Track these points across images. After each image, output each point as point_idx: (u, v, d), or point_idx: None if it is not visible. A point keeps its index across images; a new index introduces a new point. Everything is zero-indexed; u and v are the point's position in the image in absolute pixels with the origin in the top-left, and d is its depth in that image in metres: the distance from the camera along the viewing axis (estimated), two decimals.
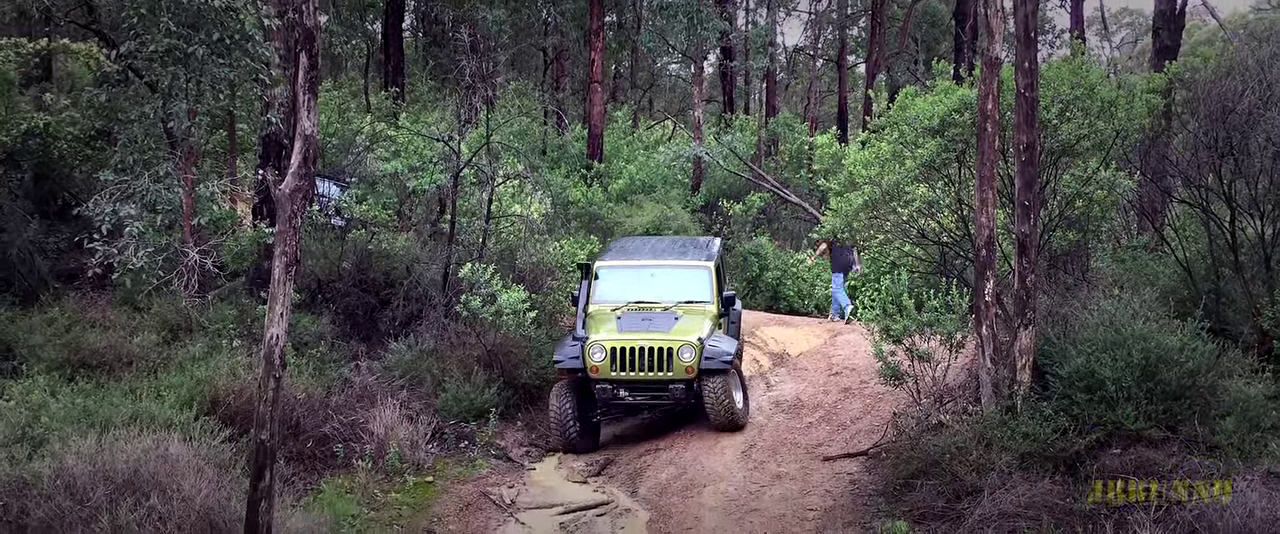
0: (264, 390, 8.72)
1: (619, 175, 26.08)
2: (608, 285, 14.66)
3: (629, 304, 14.29)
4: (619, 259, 15.33)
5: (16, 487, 9.19)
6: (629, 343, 13.17)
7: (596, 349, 13.16)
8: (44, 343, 13.15)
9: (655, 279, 14.72)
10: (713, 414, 13.14)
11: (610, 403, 13.41)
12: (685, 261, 15.03)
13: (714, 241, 16.61)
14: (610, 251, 16.04)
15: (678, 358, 13.09)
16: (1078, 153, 13.07)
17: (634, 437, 14.04)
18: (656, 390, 13.27)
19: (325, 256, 16.27)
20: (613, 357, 13.15)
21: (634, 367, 13.14)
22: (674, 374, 13.13)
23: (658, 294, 14.48)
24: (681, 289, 14.55)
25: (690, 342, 13.11)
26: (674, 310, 14.11)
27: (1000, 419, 10.67)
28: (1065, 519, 9.56)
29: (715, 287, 14.62)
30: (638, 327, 13.53)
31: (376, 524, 11.05)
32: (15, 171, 17.21)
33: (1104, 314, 11.38)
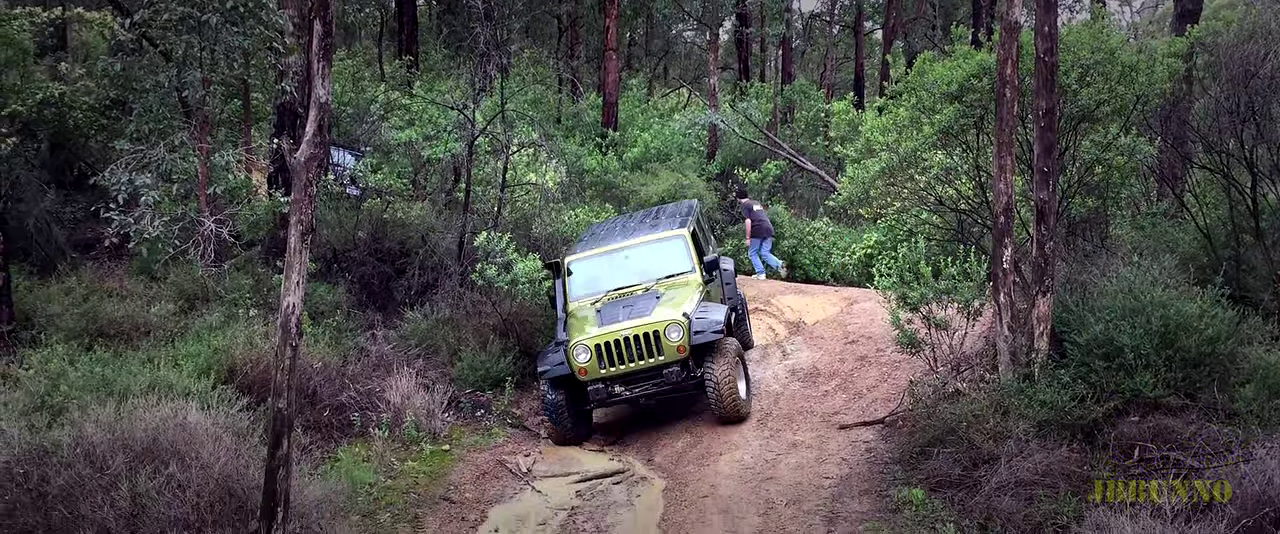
0: (281, 359, 8.75)
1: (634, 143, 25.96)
2: (582, 278, 13.81)
3: (608, 293, 13.50)
4: (587, 248, 14.39)
5: (36, 455, 9.26)
6: (612, 335, 12.34)
7: (580, 350, 12.36)
8: (62, 312, 13.23)
9: (630, 260, 13.83)
10: (716, 405, 12.35)
11: (606, 401, 12.68)
12: (656, 234, 14.06)
13: (690, 204, 15.85)
14: (579, 242, 15.22)
15: (666, 339, 12.29)
16: (1097, 118, 12.94)
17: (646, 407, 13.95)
18: (651, 379, 12.47)
19: (341, 226, 16.29)
20: (598, 354, 12.34)
21: (622, 359, 12.34)
22: (666, 357, 12.33)
23: (636, 275, 13.65)
24: (660, 264, 13.72)
25: (676, 319, 12.36)
26: (655, 289, 13.36)
27: (1017, 387, 10.63)
28: (1083, 487, 9.54)
29: (694, 253, 13.77)
30: (619, 316, 12.70)
31: (393, 492, 11.12)
32: (31, 141, 17.22)
33: (1123, 281, 11.30)
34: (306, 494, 9.49)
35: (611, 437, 13.00)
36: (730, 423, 12.40)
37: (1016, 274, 11.37)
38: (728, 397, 12.25)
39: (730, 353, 12.40)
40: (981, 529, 9.39)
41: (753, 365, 14.73)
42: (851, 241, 21.06)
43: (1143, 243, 13.46)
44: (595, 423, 13.41)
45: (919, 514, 9.79)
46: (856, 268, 20.15)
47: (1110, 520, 8.51)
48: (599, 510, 10.74)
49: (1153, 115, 13.64)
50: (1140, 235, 14.02)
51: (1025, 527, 9.25)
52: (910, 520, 9.74)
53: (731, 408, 12.31)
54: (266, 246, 15.76)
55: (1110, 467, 9.81)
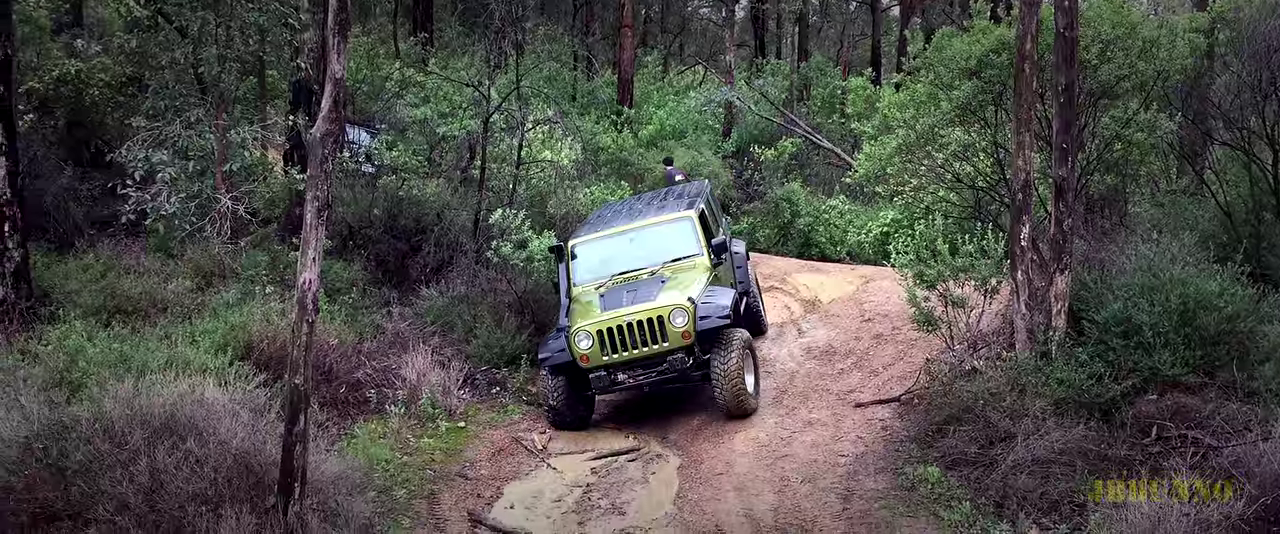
0: (298, 335, 8.77)
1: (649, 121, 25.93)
2: (586, 263, 13.35)
3: (613, 278, 13.03)
4: (592, 231, 13.88)
5: (56, 430, 9.31)
6: (615, 321, 11.85)
7: (581, 337, 11.89)
8: (80, 288, 13.28)
9: (634, 244, 13.35)
10: (721, 397, 11.79)
11: (609, 389, 12.25)
12: (663, 216, 13.57)
13: (699, 185, 15.44)
14: (585, 225, 14.66)
15: (670, 325, 11.78)
16: (1117, 94, 12.81)
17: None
18: (656, 366, 11.96)
19: (356, 203, 16.31)
20: (600, 340, 11.87)
21: (625, 346, 11.86)
22: (670, 344, 11.83)
23: (642, 259, 13.15)
24: (666, 247, 13.22)
25: (681, 304, 11.84)
26: (661, 273, 12.82)
27: (1035, 365, 10.58)
28: (1100, 466, 9.50)
29: (702, 236, 13.27)
30: (622, 301, 12.18)
31: (410, 468, 11.15)
32: (48, 118, 17.31)
33: (1142, 259, 11.22)
34: (323, 470, 9.53)
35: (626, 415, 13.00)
36: (736, 418, 11.91)
37: (1034, 251, 11.31)
38: (734, 392, 11.72)
39: (738, 345, 11.84)
40: (997, 507, 9.37)
41: (768, 344, 14.72)
42: (868, 219, 21.01)
43: (1162, 220, 13.36)
44: (613, 402, 13.23)
45: (934, 492, 9.78)
46: (873, 246, 20.11)
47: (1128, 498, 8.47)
48: (614, 487, 10.76)
49: (1173, 91, 13.50)
50: (1160, 213, 13.91)
51: (1042, 505, 9.23)
52: (926, 498, 9.72)
53: (737, 404, 11.81)
54: (282, 224, 15.80)
55: (1128, 445, 9.77)
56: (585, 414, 12.56)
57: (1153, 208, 14.42)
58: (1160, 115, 12.97)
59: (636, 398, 13.17)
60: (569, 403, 12.22)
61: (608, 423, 12.81)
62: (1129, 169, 13.47)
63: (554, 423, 12.34)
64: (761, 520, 9.63)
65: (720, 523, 9.67)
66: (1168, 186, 15.22)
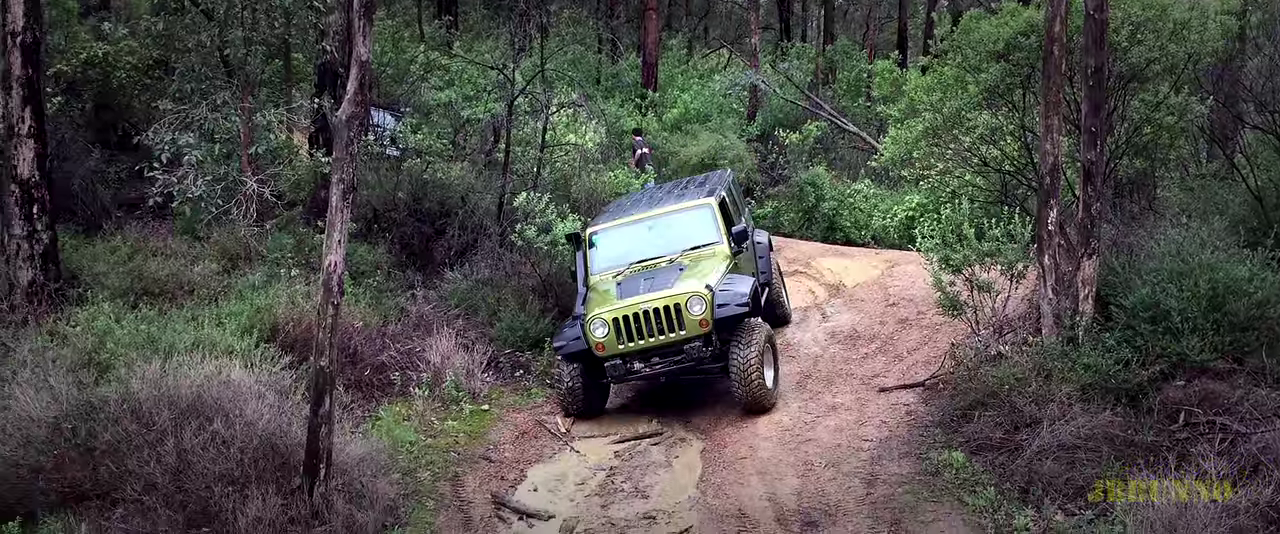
0: (323, 317, 8.82)
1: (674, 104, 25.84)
2: (605, 251, 13.22)
3: (631, 266, 12.88)
4: (611, 220, 13.77)
5: (85, 410, 9.41)
6: (631, 309, 11.69)
7: (597, 325, 11.74)
8: (107, 271, 13.39)
9: (654, 231, 13.22)
10: (738, 389, 11.53)
11: (625, 378, 12.12)
12: (683, 204, 13.43)
13: (721, 174, 15.29)
14: (604, 214, 14.52)
15: (687, 313, 11.59)
16: (1147, 77, 12.67)
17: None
18: (673, 355, 11.78)
19: (381, 186, 16.34)
20: (616, 328, 11.69)
21: (641, 334, 11.67)
22: (687, 332, 11.63)
23: (661, 247, 13.00)
24: (685, 235, 13.07)
25: (698, 292, 11.67)
26: (680, 261, 12.68)
27: (1061, 350, 10.51)
28: (1126, 451, 9.44)
29: (721, 224, 13.10)
30: (639, 289, 12.03)
31: (434, 451, 11.21)
32: (76, 101, 17.42)
33: (1171, 243, 11.12)
34: (348, 452, 9.59)
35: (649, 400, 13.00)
36: (755, 413, 11.66)
37: (1062, 236, 11.22)
38: (752, 387, 11.48)
39: (757, 338, 11.59)
40: (1022, 493, 9.32)
41: (792, 328, 14.69)
42: (893, 204, 20.89)
43: (1192, 204, 13.23)
44: (636, 387, 13.10)
45: (959, 477, 9.74)
46: (898, 230, 20.00)
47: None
48: (637, 471, 10.78)
49: (1204, 74, 13.36)
50: (1189, 197, 13.78)
51: (1067, 490, 9.18)
52: (950, 483, 9.69)
53: (755, 399, 11.56)
54: (308, 207, 15.85)
55: (1155, 431, 9.70)
56: (600, 403, 12.44)
57: (1182, 192, 14.28)
58: (1191, 98, 12.82)
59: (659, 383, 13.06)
60: (584, 391, 12.08)
61: (630, 407, 12.81)
62: (1158, 153, 13.33)
63: (568, 411, 12.22)
64: (784, 504, 9.62)
65: (743, 507, 9.67)
66: (1197, 171, 15.07)
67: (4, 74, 12.62)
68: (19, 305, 12.23)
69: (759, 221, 21.54)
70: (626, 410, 12.71)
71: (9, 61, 12.49)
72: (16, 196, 12.49)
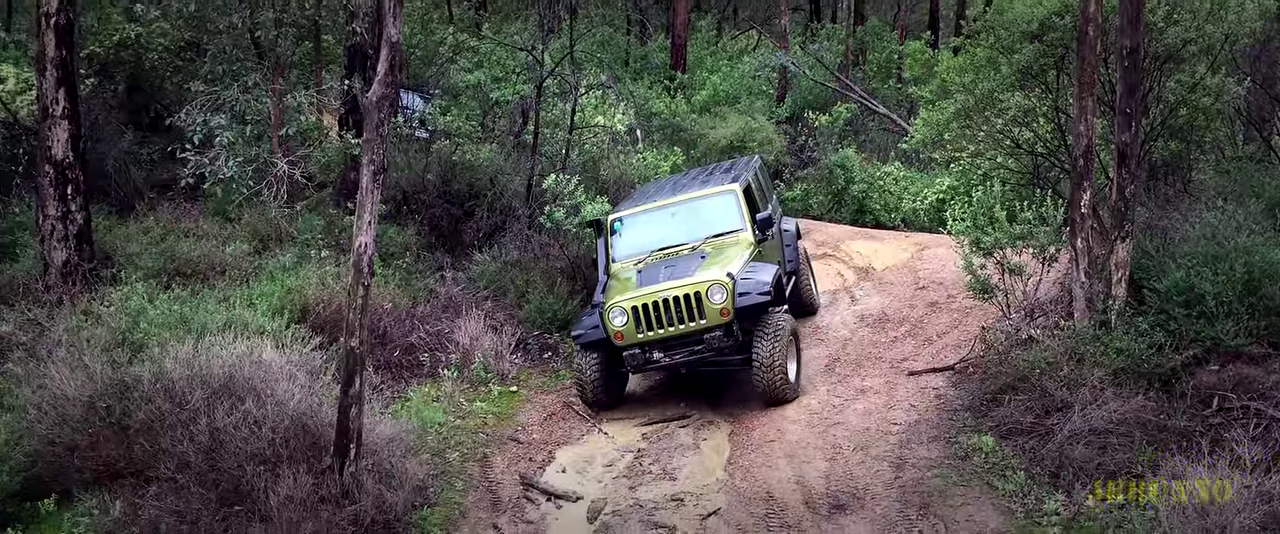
0: (353, 298, 8.86)
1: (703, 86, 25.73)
2: (627, 238, 13.00)
3: (653, 254, 12.64)
4: (633, 206, 13.52)
5: (119, 389, 9.52)
6: (650, 297, 11.47)
7: (615, 313, 11.50)
8: (140, 251, 13.51)
9: (676, 218, 12.96)
10: (759, 381, 11.36)
11: (643, 368, 11.89)
12: (707, 190, 13.15)
13: (749, 159, 14.98)
14: (627, 200, 14.29)
15: (708, 301, 11.34)
16: (1183, 58, 12.51)
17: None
18: (693, 344, 11.55)
19: (410, 168, 16.39)
20: (635, 317, 11.46)
21: (661, 323, 11.45)
22: (708, 321, 11.39)
23: (684, 234, 12.76)
24: (708, 222, 12.81)
25: (719, 280, 11.41)
26: (702, 248, 12.43)
27: (1093, 334, 10.43)
28: (1159, 436, 9.36)
29: (746, 210, 12.83)
30: (659, 277, 11.81)
31: (462, 432, 11.26)
32: (109, 83, 17.57)
33: (1206, 226, 10.99)
34: (378, 432, 9.65)
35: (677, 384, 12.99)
36: (776, 405, 11.50)
37: (1095, 219, 11.12)
38: (776, 380, 11.32)
39: (781, 331, 11.43)
40: (1053, 477, 9.27)
41: (821, 311, 14.64)
42: (923, 186, 20.74)
43: (1227, 187, 13.06)
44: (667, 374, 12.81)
45: (988, 461, 9.70)
46: (928, 213, 19.86)
47: (1187, 470, 8.35)
48: (665, 453, 10.78)
49: (1242, 55, 13.18)
50: (1225, 180, 13.60)
51: (1098, 475, 9.11)
52: (980, 468, 9.64)
53: (778, 392, 11.39)
54: (337, 188, 15.93)
55: (1188, 416, 9.62)
56: (618, 393, 12.26)
57: (1217, 175, 14.10)
58: (1228, 80, 12.65)
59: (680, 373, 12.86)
60: (603, 381, 11.87)
61: (658, 390, 12.82)
62: (1194, 135, 13.17)
63: (588, 402, 12.01)
64: (813, 488, 9.60)
65: (771, 489, 9.66)
66: (1233, 153, 14.87)
67: (38, 56, 12.74)
68: (54, 285, 12.37)
69: (788, 204, 21.47)
70: (654, 393, 12.71)
71: (43, 43, 12.59)
72: (51, 178, 12.61)
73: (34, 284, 12.51)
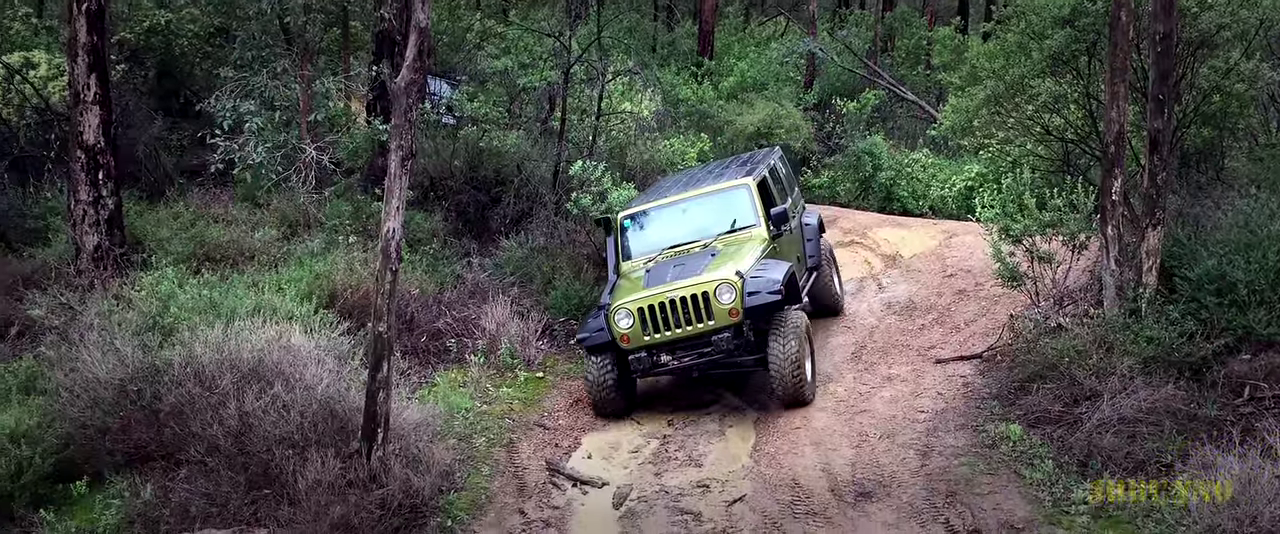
0: (381, 283, 8.90)
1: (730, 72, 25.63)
2: (638, 235, 12.56)
3: (663, 252, 12.18)
4: (644, 202, 13.03)
5: (150, 373, 9.62)
6: (656, 298, 11.01)
7: (621, 315, 11.06)
8: (170, 236, 13.61)
9: (688, 215, 12.47)
10: (778, 382, 10.92)
11: (650, 372, 11.36)
12: (720, 185, 12.59)
13: (769, 152, 14.34)
14: (640, 196, 13.70)
15: (716, 301, 10.86)
16: (1217, 44, 12.37)
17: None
18: (701, 347, 11.10)
19: (437, 154, 16.42)
20: (641, 319, 11.01)
21: (668, 325, 11.00)
22: (716, 322, 10.92)
23: (695, 231, 12.28)
24: (721, 218, 12.32)
25: (727, 279, 10.92)
26: (713, 246, 11.96)
27: (1123, 322, 10.36)
28: (1189, 425, 9.30)
29: (759, 205, 12.24)
30: (667, 276, 11.33)
31: (489, 417, 11.30)
32: (139, 69, 17.70)
33: (1239, 214, 10.90)
34: (405, 417, 9.70)
35: None
36: (791, 405, 11.08)
37: (1126, 206, 11.03)
38: (793, 381, 10.87)
39: (796, 329, 10.95)
40: (1081, 466, 9.22)
41: (847, 299, 14.58)
42: (951, 173, 20.60)
43: (1261, 175, 12.92)
44: None
45: (1016, 450, 9.65)
46: (956, 200, 19.72)
47: (1217, 459, 8.28)
48: (691, 439, 10.79)
49: (1276, 40, 13.01)
50: (1258, 167, 13.45)
51: (1127, 465, 9.06)
52: (1007, 456, 9.60)
53: (796, 393, 10.95)
54: (365, 174, 15.99)
55: (1218, 405, 9.54)
56: (632, 398, 11.66)
57: (1251, 162, 13.95)
58: (1262, 65, 12.51)
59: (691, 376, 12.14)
60: (616, 386, 11.33)
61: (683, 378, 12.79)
62: (1227, 122, 13.05)
63: (599, 410, 11.49)
64: (839, 475, 9.58)
65: (797, 477, 9.65)
66: (1267, 140, 14.70)
67: (70, 41, 12.83)
68: (85, 270, 12.48)
69: (815, 191, 21.39)
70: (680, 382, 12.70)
71: (75, 29, 12.68)
72: (83, 163, 12.71)
73: (66, 268, 12.63)
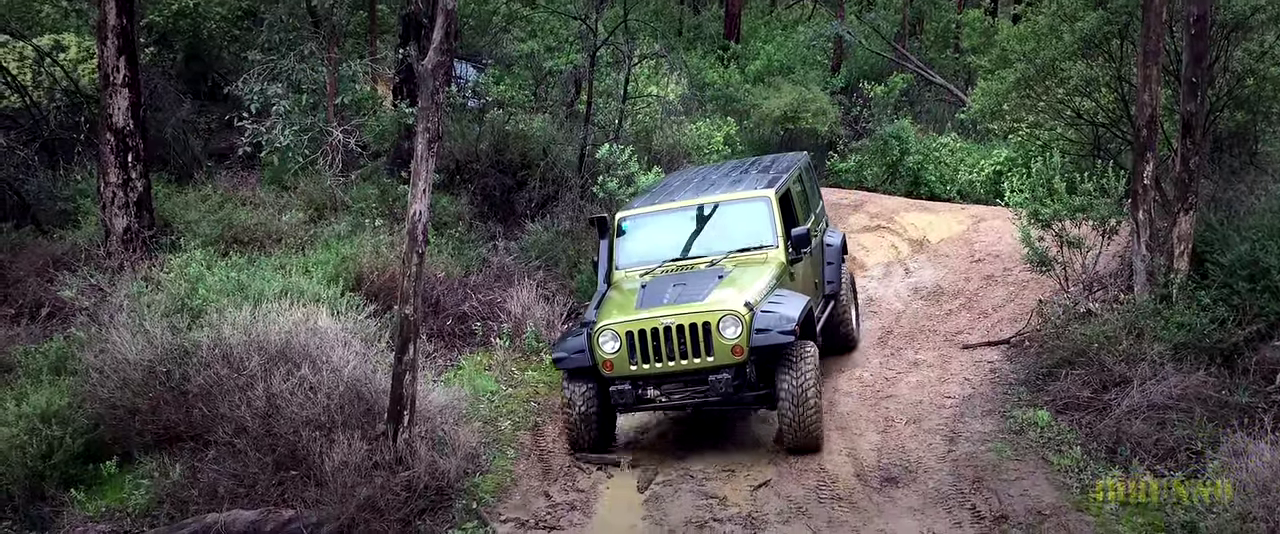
0: (408, 266, 8.91)
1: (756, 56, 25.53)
2: (636, 242, 10.96)
3: (664, 265, 10.64)
4: (648, 204, 11.46)
5: (178, 355, 9.68)
6: (650, 322, 9.40)
7: (606, 337, 9.50)
8: (199, 219, 13.69)
9: (696, 224, 10.97)
10: (787, 425, 9.44)
11: (632, 408, 9.82)
12: (735, 194, 11.02)
13: (793, 158, 12.72)
14: (644, 195, 12.25)
15: (718, 335, 9.30)
16: (1252, 26, 12.18)
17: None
18: (695, 384, 9.52)
19: (463, 138, 16.43)
20: (630, 344, 9.44)
21: (660, 355, 9.42)
22: (716, 359, 9.34)
23: (703, 245, 10.77)
24: (733, 233, 10.73)
25: (734, 310, 9.33)
26: (722, 265, 10.34)
27: (1154, 308, 10.26)
28: (1219, 412, 9.21)
29: (780, 223, 10.65)
30: (664, 297, 9.71)
31: (514, 400, 11.32)
32: (168, 52, 17.78)
33: (1272, 199, 10.80)
34: (431, 400, 9.73)
35: None
36: (801, 452, 9.62)
37: (1157, 191, 10.92)
38: (803, 424, 9.40)
39: (810, 365, 9.43)
40: (1109, 453, 9.15)
41: (874, 283, 14.52)
42: (980, 158, 20.45)
43: None
44: None
45: (1043, 436, 9.59)
46: (985, 185, 19.58)
47: (1249, 446, 8.18)
48: (715, 422, 10.77)
49: None
50: None
51: (1156, 451, 8.99)
52: (1034, 442, 9.54)
53: (811, 437, 9.51)
54: (391, 157, 16.02)
55: (1250, 392, 9.44)
56: (611, 433, 10.24)
57: None
58: None
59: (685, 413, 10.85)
60: (598, 418, 9.89)
61: None
62: (1261, 105, 12.84)
63: (577, 444, 10.02)
64: (864, 460, 9.55)
65: (822, 461, 9.61)
66: None
67: (99, 24, 12.89)
68: (115, 251, 12.57)
69: (841, 176, 21.27)
70: None
71: (104, 12, 12.74)
72: (112, 145, 12.79)
73: (96, 250, 12.73)
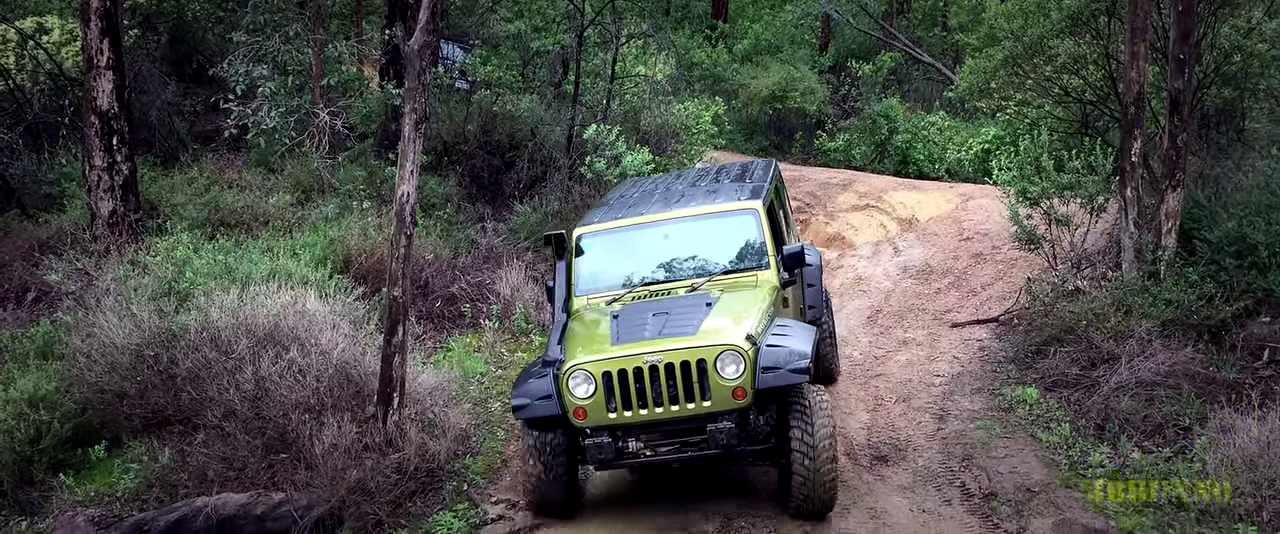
0: (396, 247, 8.88)
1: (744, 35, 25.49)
2: (598, 262, 9.23)
3: (634, 291, 8.94)
4: (612, 218, 9.55)
5: (166, 338, 9.65)
6: (631, 360, 7.66)
7: (578, 379, 7.75)
8: (185, 202, 13.61)
9: (671, 242, 9.23)
10: (803, 482, 7.71)
11: (612, 464, 8.04)
12: (715, 206, 9.31)
13: (764, 164, 11.07)
14: (601, 208, 10.18)
15: (717, 375, 7.58)
16: (1238, 3, 12.20)
17: None
18: (690, 434, 7.81)
19: (450, 119, 16.36)
20: (607, 387, 7.72)
21: (644, 400, 7.69)
22: (714, 404, 7.62)
23: (679, 267, 9.14)
24: (715, 252, 9.11)
25: (735, 345, 7.60)
26: (706, 291, 8.67)
27: (1142, 285, 10.30)
28: (1207, 389, 9.25)
29: (771, 239, 9.06)
30: (644, 330, 7.96)
31: (503, 382, 11.30)
32: (152, 34, 17.64)
33: (1259, 175, 10.80)
34: (420, 381, 9.72)
35: None
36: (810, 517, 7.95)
37: (1145, 168, 10.93)
38: (820, 482, 7.72)
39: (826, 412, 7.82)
40: (1098, 430, 9.20)
41: (863, 262, 14.54)
42: (968, 136, 20.46)
43: None
44: None
45: (1032, 413, 9.63)
46: (973, 164, 19.61)
47: (1237, 422, 8.23)
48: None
49: None
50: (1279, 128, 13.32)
51: (1144, 428, 9.03)
52: (1023, 419, 9.58)
53: (824, 498, 7.84)
54: (378, 139, 15.96)
55: (1238, 368, 9.49)
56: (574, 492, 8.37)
57: (1272, 123, 13.80)
58: None
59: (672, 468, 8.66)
60: (562, 476, 8.13)
61: None
62: (1248, 82, 12.88)
63: (539, 508, 8.31)
64: (854, 439, 9.57)
65: None
66: None
67: (83, 6, 12.78)
68: (101, 235, 12.50)
69: (830, 155, 21.25)
70: None
71: None
72: (96, 128, 12.69)
73: (81, 234, 12.66)
